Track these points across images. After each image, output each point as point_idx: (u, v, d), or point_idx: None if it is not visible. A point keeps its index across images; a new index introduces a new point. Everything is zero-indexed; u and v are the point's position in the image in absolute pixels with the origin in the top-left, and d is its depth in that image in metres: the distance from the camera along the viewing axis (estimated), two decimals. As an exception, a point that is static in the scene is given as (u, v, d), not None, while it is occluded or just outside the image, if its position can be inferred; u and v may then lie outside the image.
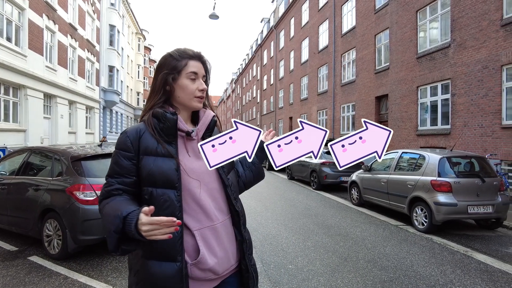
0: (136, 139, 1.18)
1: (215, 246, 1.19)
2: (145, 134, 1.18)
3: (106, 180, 1.20)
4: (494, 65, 8.76)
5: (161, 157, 1.16)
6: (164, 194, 1.13)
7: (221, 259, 1.20)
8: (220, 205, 1.25)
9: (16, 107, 12.44)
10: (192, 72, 1.22)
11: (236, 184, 1.36)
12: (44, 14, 13.96)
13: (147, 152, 1.17)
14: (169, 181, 1.14)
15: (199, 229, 1.17)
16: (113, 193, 1.17)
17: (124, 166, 1.17)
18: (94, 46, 21.57)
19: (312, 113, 22.00)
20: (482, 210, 5.50)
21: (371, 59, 15.02)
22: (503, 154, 8.49)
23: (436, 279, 3.73)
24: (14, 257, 4.21)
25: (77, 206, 3.91)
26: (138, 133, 1.19)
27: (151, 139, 1.17)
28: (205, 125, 1.27)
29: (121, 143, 1.18)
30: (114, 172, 1.19)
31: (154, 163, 1.15)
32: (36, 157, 4.92)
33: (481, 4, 9.13)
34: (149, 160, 1.16)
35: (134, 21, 34.79)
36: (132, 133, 1.19)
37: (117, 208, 1.07)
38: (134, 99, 36.88)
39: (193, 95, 1.23)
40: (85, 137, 19.92)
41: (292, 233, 5.48)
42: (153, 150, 1.16)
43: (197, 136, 1.25)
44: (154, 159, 1.15)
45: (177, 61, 1.22)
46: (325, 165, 10.39)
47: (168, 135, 1.18)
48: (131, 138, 1.18)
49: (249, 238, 1.35)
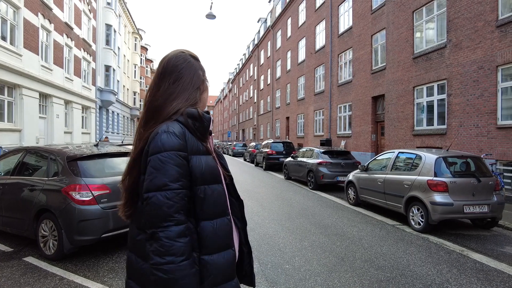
0: (184, 139, 1.13)
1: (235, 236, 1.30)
2: (188, 134, 1.16)
3: (170, 187, 1.05)
4: (489, 66, 8.82)
5: (204, 155, 1.17)
6: (215, 190, 1.18)
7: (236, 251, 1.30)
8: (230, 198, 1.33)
9: (11, 106, 12.34)
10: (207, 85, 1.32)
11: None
12: (39, 13, 13.86)
13: (193, 151, 1.14)
14: (216, 177, 1.20)
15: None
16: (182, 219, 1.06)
17: (185, 166, 1.10)
18: (90, 46, 21.46)
19: (309, 113, 22.03)
20: (477, 210, 5.54)
21: (368, 59, 15.07)
22: (498, 154, 8.55)
23: (433, 279, 3.74)
24: (9, 258, 4.17)
25: (73, 207, 3.89)
26: (184, 132, 1.15)
27: (193, 138, 1.16)
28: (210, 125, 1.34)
29: (175, 143, 1.09)
30: (178, 174, 1.07)
31: (204, 161, 1.16)
32: (31, 157, 4.88)
33: (477, 5, 9.19)
34: (197, 158, 1.14)
35: (131, 20, 34.65)
36: (180, 132, 1.13)
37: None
38: (131, 98, 36.72)
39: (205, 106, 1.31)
40: (81, 137, 19.81)
41: (289, 233, 5.49)
42: (198, 149, 1.16)
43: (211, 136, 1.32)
44: (199, 157, 1.15)
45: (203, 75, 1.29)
46: (322, 165, 10.40)
47: (204, 133, 1.20)
48: (181, 138, 1.12)
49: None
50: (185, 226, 1.05)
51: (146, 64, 44.30)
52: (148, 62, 45.88)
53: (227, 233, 1.20)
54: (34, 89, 13.51)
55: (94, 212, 3.94)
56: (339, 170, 10.32)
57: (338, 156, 10.89)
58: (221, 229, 1.18)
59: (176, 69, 1.22)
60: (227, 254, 1.19)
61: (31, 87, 13.18)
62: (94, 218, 3.95)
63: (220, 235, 1.17)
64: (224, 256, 1.18)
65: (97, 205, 3.98)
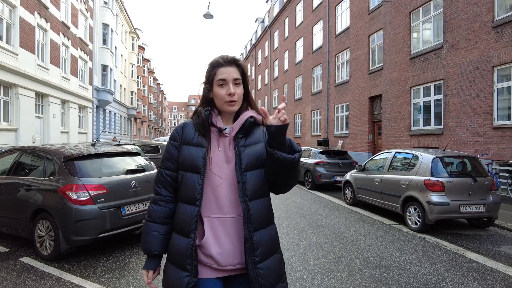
0: (181, 131, 1.40)
1: (221, 237, 1.29)
2: (188, 127, 1.40)
3: (159, 165, 1.44)
4: (485, 66, 8.88)
5: (194, 146, 1.34)
6: (191, 177, 1.31)
7: (225, 251, 1.28)
8: (236, 201, 1.31)
9: (7, 106, 12.27)
10: (220, 79, 1.33)
11: (255, 182, 1.32)
12: (36, 12, 13.78)
13: (185, 142, 1.37)
14: (195, 167, 1.31)
15: (209, 217, 1.30)
16: (159, 190, 1.41)
17: (171, 153, 1.39)
18: (87, 45, 21.36)
19: (306, 113, 22.06)
20: (474, 209, 5.57)
21: (365, 59, 15.11)
22: (494, 154, 8.61)
23: (429, 278, 3.76)
24: (5, 258, 4.15)
25: (69, 207, 3.87)
26: (183, 126, 1.41)
27: (190, 131, 1.38)
28: (239, 124, 1.35)
29: (172, 135, 1.42)
30: (164, 157, 1.41)
31: (188, 151, 1.34)
32: (27, 157, 4.84)
33: (473, 6, 9.25)
34: (185, 148, 1.36)
35: (128, 20, 34.52)
36: (180, 126, 1.43)
37: (150, 242, 1.38)
38: (128, 98, 36.58)
39: (224, 100, 1.33)
40: (78, 136, 19.72)
41: (287, 233, 5.49)
42: (190, 140, 1.36)
43: (230, 134, 1.35)
44: (189, 148, 1.35)
45: (210, 72, 1.36)
46: (319, 165, 10.42)
47: (203, 128, 1.35)
48: (178, 131, 1.41)
49: (259, 240, 1.30)
50: (159, 197, 1.40)
51: (143, 64, 44.14)
52: (145, 61, 45.73)
53: (187, 222, 1.29)
54: (31, 89, 13.44)
55: (91, 212, 3.92)
56: (336, 170, 10.34)
57: (335, 156, 10.92)
58: (184, 215, 1.31)
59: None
60: (183, 241, 1.30)
61: (27, 87, 13.10)
62: (91, 218, 3.93)
63: (180, 219, 1.32)
64: (180, 241, 1.31)
65: (94, 205, 3.97)
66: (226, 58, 1.36)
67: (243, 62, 1.41)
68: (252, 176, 1.31)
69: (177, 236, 1.33)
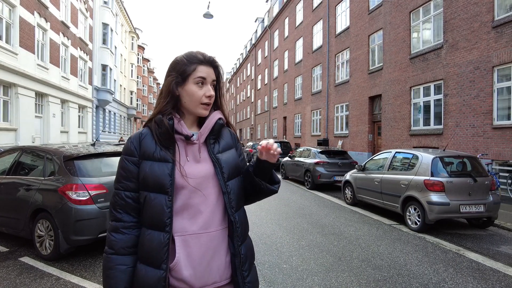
0: (138, 144, 1.18)
1: (195, 256, 1.12)
2: (146, 138, 1.19)
3: (114, 186, 1.20)
4: (485, 66, 8.88)
5: (157, 161, 1.15)
6: (156, 199, 1.12)
7: (199, 272, 1.12)
8: (216, 213, 1.18)
9: (7, 105, 12.26)
10: (200, 77, 1.18)
11: (238, 192, 1.24)
12: (35, 12, 13.77)
13: (145, 157, 1.17)
14: (161, 186, 1.12)
15: (182, 235, 1.12)
16: (120, 216, 1.17)
17: (130, 170, 1.17)
18: (87, 45, 21.35)
19: (306, 113, 22.06)
20: (474, 209, 5.57)
21: (365, 59, 15.11)
22: (494, 154, 8.61)
23: (429, 278, 3.76)
24: (5, 258, 4.14)
25: (69, 206, 3.86)
26: (140, 137, 1.19)
27: (150, 144, 1.17)
28: (208, 128, 1.21)
29: (127, 148, 1.20)
30: (120, 176, 1.19)
31: (149, 167, 1.14)
32: (27, 157, 4.84)
33: (473, 6, 9.25)
34: (146, 164, 1.15)
35: (128, 19, 34.51)
36: (135, 137, 1.20)
37: (116, 279, 1.13)
38: (128, 98, 36.59)
39: (199, 102, 1.19)
40: (78, 136, 19.72)
41: (287, 233, 5.49)
42: (150, 154, 1.16)
43: (199, 140, 1.20)
44: (150, 163, 1.15)
45: (186, 66, 1.18)
46: (319, 164, 10.42)
47: (166, 139, 1.16)
48: (134, 143, 1.19)
49: (245, 252, 1.23)
50: (121, 224, 1.16)
51: (143, 64, 44.14)
52: (145, 61, 45.74)
53: (156, 251, 1.10)
54: (30, 88, 13.43)
55: (91, 212, 3.92)
56: (336, 170, 10.34)
57: (335, 156, 10.92)
58: (151, 243, 1.11)
59: (166, 75, 1.27)
60: (152, 273, 1.10)
61: (27, 86, 13.10)
62: (91, 218, 3.93)
63: (147, 248, 1.11)
64: (148, 273, 1.11)
65: (94, 204, 3.96)
66: (207, 56, 1.21)
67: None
68: (234, 185, 1.22)
69: (144, 267, 1.12)
